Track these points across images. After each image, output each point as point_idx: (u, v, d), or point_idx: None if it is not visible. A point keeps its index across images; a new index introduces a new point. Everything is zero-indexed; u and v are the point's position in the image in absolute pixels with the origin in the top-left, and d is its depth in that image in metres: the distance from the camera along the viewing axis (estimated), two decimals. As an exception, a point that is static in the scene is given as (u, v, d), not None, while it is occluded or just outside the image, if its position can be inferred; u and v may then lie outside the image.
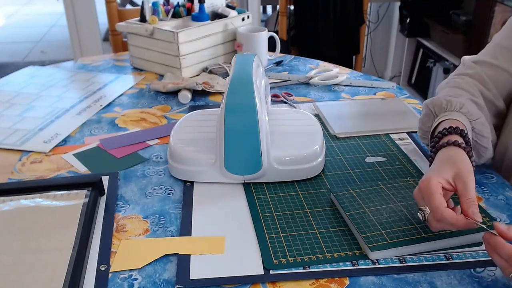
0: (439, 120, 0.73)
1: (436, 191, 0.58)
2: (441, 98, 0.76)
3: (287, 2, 2.27)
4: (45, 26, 4.86)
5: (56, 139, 0.90)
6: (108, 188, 0.74)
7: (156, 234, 0.65)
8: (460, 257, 0.60)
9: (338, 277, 0.57)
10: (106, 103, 1.06)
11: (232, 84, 0.75)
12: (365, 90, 1.14)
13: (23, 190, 0.71)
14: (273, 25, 2.69)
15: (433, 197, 0.57)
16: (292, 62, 1.34)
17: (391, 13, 3.02)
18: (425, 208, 0.59)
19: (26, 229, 0.64)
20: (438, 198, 0.57)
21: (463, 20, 2.31)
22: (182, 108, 1.04)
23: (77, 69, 1.29)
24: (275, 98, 1.07)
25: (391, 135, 0.90)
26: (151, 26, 1.17)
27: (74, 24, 2.53)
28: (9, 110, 1.03)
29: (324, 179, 0.77)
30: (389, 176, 0.77)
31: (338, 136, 0.90)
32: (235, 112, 0.71)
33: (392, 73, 3.12)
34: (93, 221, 0.66)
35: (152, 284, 0.57)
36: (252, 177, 0.74)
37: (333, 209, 0.69)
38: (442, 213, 0.56)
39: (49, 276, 0.56)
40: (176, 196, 0.73)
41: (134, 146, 0.87)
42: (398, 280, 0.57)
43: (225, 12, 1.27)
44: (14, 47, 4.22)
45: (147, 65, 1.25)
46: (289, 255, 0.60)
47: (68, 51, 3.26)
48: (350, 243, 0.62)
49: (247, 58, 0.82)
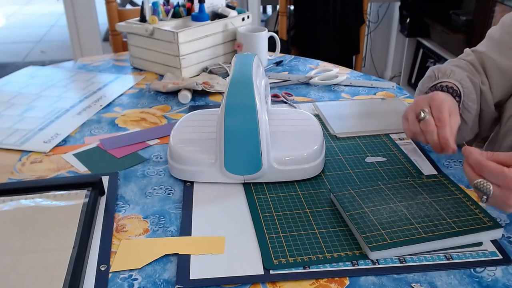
0: (439, 81, 0.82)
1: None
2: (447, 67, 0.84)
3: (287, 2, 2.27)
4: (45, 26, 4.86)
5: (56, 139, 0.90)
6: (108, 188, 0.74)
7: (156, 234, 0.65)
8: (460, 257, 0.60)
9: (338, 277, 0.57)
10: (106, 103, 1.06)
11: (232, 84, 0.75)
12: (365, 90, 1.14)
13: (23, 190, 0.71)
14: (273, 25, 2.69)
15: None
16: (292, 62, 1.34)
17: (391, 13, 3.02)
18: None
19: (26, 229, 0.64)
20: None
21: (463, 20, 2.31)
22: (182, 108, 1.04)
23: (77, 69, 1.29)
24: (275, 98, 1.07)
25: (391, 135, 0.90)
26: (151, 26, 1.17)
27: (74, 24, 2.53)
28: (9, 110, 1.03)
29: (324, 179, 0.77)
30: (389, 176, 0.77)
31: (338, 136, 0.90)
32: (235, 112, 0.71)
33: (392, 73, 3.12)
34: (93, 221, 0.66)
35: (152, 284, 0.57)
36: (252, 177, 0.74)
37: (333, 209, 0.69)
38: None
39: (49, 276, 0.56)
40: (176, 196, 0.73)
41: (134, 146, 0.87)
42: (398, 280, 0.57)
43: (225, 12, 1.27)
44: (14, 47, 4.22)
45: (147, 65, 1.25)
46: (289, 255, 0.60)
47: (68, 51, 3.26)
48: (350, 243, 0.62)
49: (247, 58, 0.82)
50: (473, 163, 0.62)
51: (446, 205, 0.67)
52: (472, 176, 0.61)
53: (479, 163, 0.61)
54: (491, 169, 0.59)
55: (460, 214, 0.65)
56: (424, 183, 0.72)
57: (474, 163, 0.61)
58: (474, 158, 0.61)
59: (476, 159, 0.61)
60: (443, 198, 0.68)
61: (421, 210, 0.66)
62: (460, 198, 0.68)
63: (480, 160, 0.61)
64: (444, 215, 0.65)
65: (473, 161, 0.62)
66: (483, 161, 0.60)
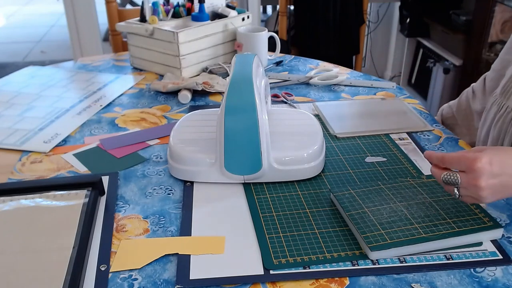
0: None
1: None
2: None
3: (287, 2, 2.27)
4: (45, 26, 4.86)
5: (56, 139, 0.90)
6: (108, 188, 0.74)
7: (156, 234, 0.65)
8: (460, 257, 0.60)
9: (338, 277, 0.57)
10: (106, 103, 1.06)
11: (232, 84, 0.75)
12: (365, 90, 1.13)
13: (23, 190, 0.71)
14: (273, 25, 2.69)
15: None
16: (292, 62, 1.34)
17: (391, 13, 3.01)
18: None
19: (26, 229, 0.64)
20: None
21: (463, 20, 2.31)
22: (182, 108, 1.04)
23: (77, 69, 1.29)
24: (275, 98, 1.07)
25: (391, 135, 0.90)
26: (151, 26, 1.17)
27: (74, 24, 2.52)
28: (9, 110, 1.03)
29: (324, 179, 0.77)
30: (389, 176, 0.77)
31: (338, 136, 0.90)
32: (235, 112, 0.71)
33: (392, 73, 3.12)
34: (93, 221, 0.66)
35: (152, 284, 0.57)
36: (252, 177, 0.74)
37: (333, 209, 0.69)
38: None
39: (49, 276, 0.56)
40: (176, 196, 0.73)
41: (134, 146, 0.87)
42: (398, 280, 0.57)
43: (225, 12, 1.27)
44: (14, 47, 4.22)
45: (147, 65, 1.25)
46: (289, 255, 0.60)
47: (68, 51, 3.26)
48: (350, 243, 0.62)
49: (247, 58, 0.82)
50: (435, 161, 0.63)
51: (446, 205, 0.67)
52: (438, 173, 0.62)
53: (440, 158, 0.62)
54: (451, 158, 0.61)
55: (460, 214, 0.65)
56: (424, 183, 0.72)
57: (436, 161, 0.63)
58: (434, 156, 0.63)
59: (436, 155, 0.63)
60: (443, 198, 0.68)
61: (421, 210, 0.66)
62: (460, 198, 0.68)
63: (440, 154, 0.63)
64: (444, 215, 0.65)
65: (435, 159, 0.63)
66: (443, 154, 0.62)
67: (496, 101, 0.85)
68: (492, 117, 0.85)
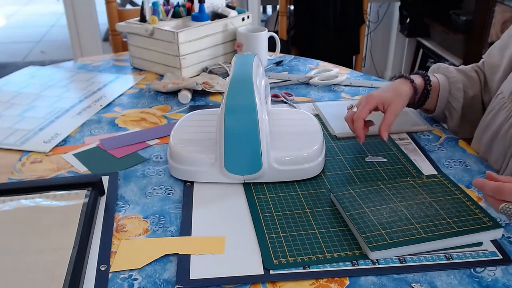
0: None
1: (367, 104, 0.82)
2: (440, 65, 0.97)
3: (287, 2, 2.27)
4: (45, 26, 4.86)
5: (56, 139, 0.90)
6: (108, 188, 0.74)
7: (156, 234, 0.65)
8: (460, 257, 0.60)
9: (338, 277, 0.57)
10: (106, 103, 1.06)
11: (232, 84, 0.75)
12: (365, 90, 1.13)
13: (23, 190, 0.71)
14: (273, 25, 2.69)
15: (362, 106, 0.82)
16: (292, 62, 1.34)
17: (391, 13, 3.01)
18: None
19: (26, 229, 0.64)
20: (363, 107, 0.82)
21: (463, 20, 2.31)
22: (182, 108, 1.04)
23: (77, 69, 1.29)
24: (275, 98, 1.07)
25: (391, 135, 0.90)
26: (151, 26, 1.17)
27: (74, 24, 2.53)
28: (9, 110, 1.03)
29: (324, 179, 0.77)
30: (389, 176, 0.77)
31: (338, 136, 0.90)
32: (235, 112, 0.71)
33: (392, 73, 3.11)
34: (93, 221, 0.66)
35: (152, 284, 0.57)
36: (252, 177, 0.74)
37: (333, 209, 0.69)
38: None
39: (49, 276, 0.56)
40: (176, 196, 0.73)
41: (134, 146, 0.87)
42: (398, 280, 0.57)
43: (225, 12, 1.27)
44: (14, 47, 4.22)
45: (147, 65, 1.25)
46: (289, 255, 0.60)
47: (68, 51, 3.26)
48: (350, 243, 0.62)
49: (247, 58, 0.82)
50: (490, 192, 0.60)
51: (446, 205, 0.67)
52: (495, 204, 0.60)
53: (496, 189, 0.59)
54: (509, 190, 0.58)
55: (460, 214, 0.65)
56: (424, 183, 0.72)
57: (492, 192, 0.60)
58: (488, 187, 0.60)
59: (491, 186, 0.60)
60: (443, 198, 0.68)
61: (421, 210, 0.66)
62: (460, 198, 0.68)
63: (495, 186, 0.59)
64: (444, 215, 0.65)
65: (489, 191, 0.60)
66: (499, 186, 0.59)
67: (505, 106, 0.81)
68: (500, 123, 0.82)
